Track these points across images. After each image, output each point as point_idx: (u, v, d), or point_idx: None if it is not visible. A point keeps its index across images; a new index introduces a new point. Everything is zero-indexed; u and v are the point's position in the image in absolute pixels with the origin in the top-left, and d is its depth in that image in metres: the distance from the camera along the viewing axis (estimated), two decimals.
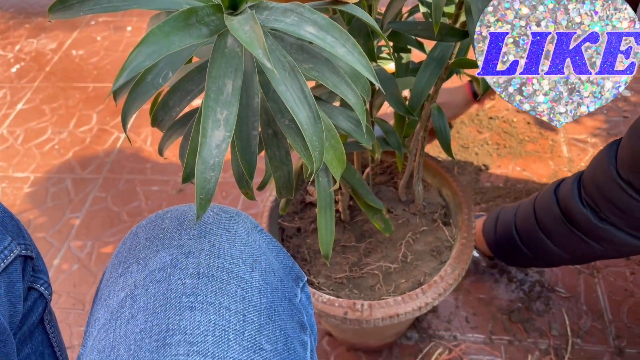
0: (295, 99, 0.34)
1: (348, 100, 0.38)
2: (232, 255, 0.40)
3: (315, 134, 0.35)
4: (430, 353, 0.84)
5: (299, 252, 0.72)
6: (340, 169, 0.45)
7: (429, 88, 0.51)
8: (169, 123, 0.43)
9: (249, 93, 0.36)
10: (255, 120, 0.37)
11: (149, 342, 0.35)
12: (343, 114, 0.49)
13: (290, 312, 0.42)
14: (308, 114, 0.34)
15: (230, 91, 0.32)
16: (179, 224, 0.42)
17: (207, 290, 0.37)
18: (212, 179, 0.30)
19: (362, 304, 0.62)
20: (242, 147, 0.37)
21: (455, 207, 0.73)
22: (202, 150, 0.30)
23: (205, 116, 0.31)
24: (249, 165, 0.37)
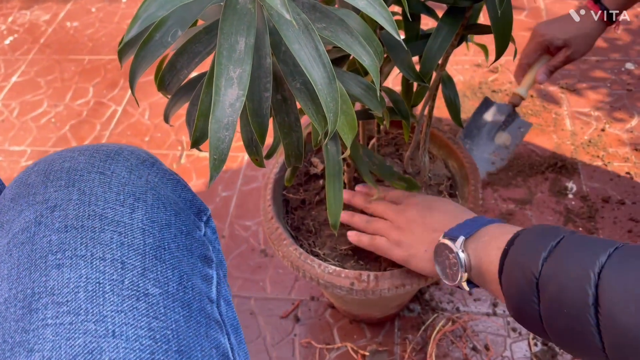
0: (310, 58, 0.33)
1: (362, 62, 0.37)
2: (107, 199, 0.37)
3: (330, 95, 0.33)
4: (434, 325, 0.84)
5: (304, 223, 0.71)
6: (351, 135, 0.44)
7: (441, 54, 0.50)
8: (176, 87, 0.42)
9: (260, 53, 0.35)
10: (267, 82, 0.35)
11: (14, 310, 0.32)
12: (353, 80, 0.47)
13: (189, 247, 0.39)
14: (323, 74, 0.33)
15: (242, 49, 0.31)
16: (45, 177, 0.38)
17: (76, 243, 0.34)
18: (226, 138, 0.29)
19: (369, 274, 0.62)
20: (253, 108, 0.35)
21: (462, 179, 0.72)
22: (215, 109, 0.28)
23: (218, 74, 0.29)
24: (261, 128, 0.36)
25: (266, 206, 0.70)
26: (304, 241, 0.69)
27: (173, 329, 0.33)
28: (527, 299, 0.42)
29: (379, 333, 0.85)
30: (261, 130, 0.36)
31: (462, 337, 0.83)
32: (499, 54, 0.48)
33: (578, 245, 0.41)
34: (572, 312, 0.38)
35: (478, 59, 1.30)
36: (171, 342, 0.33)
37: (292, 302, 0.90)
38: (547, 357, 0.79)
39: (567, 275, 0.39)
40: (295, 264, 0.64)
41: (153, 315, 0.33)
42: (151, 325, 0.33)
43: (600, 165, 1.05)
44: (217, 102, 0.29)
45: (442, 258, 0.54)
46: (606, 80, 1.21)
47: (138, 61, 0.35)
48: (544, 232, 0.44)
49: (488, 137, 0.98)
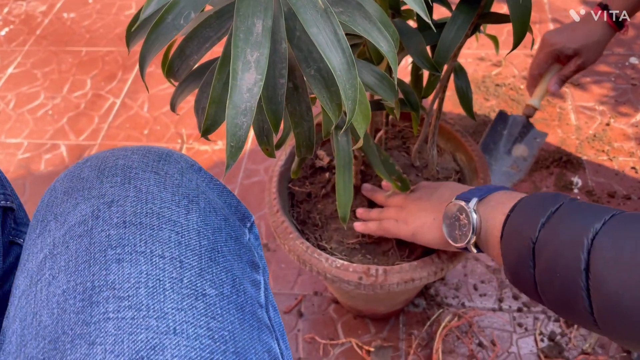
0: (329, 42, 0.31)
1: (380, 48, 0.36)
2: (163, 198, 0.37)
3: (350, 82, 0.32)
4: (439, 320, 0.83)
5: (310, 217, 0.70)
6: (365, 125, 0.43)
7: (456, 43, 0.48)
8: (185, 73, 0.41)
9: (275, 38, 0.34)
10: (283, 67, 0.34)
11: (74, 302, 0.32)
12: (366, 68, 0.46)
13: (238, 252, 0.39)
14: (342, 60, 0.32)
15: (260, 31, 0.29)
16: (99, 172, 0.38)
17: (135, 239, 0.34)
18: (244, 124, 0.27)
19: (377, 269, 0.60)
20: (268, 95, 0.34)
21: (470, 173, 0.71)
22: (232, 94, 0.27)
23: (235, 57, 0.28)
24: (275, 116, 0.34)
25: (271, 199, 0.68)
26: (310, 235, 0.68)
27: (229, 330, 0.33)
28: (524, 263, 0.43)
29: (383, 328, 0.84)
30: (276, 118, 0.35)
31: (467, 332, 0.82)
32: (517, 42, 0.47)
33: (575, 212, 0.41)
34: (565, 276, 0.39)
35: (482, 52, 1.28)
36: (228, 343, 0.33)
37: (295, 297, 0.88)
38: (554, 353, 0.78)
39: (562, 241, 0.40)
40: (301, 258, 0.62)
41: (211, 315, 0.33)
42: (210, 325, 0.33)
43: (605, 159, 1.04)
44: (235, 86, 0.27)
45: (452, 220, 0.53)
46: (610, 74, 1.20)
47: (149, 44, 0.34)
48: (544, 199, 0.45)
49: (505, 151, 0.99)
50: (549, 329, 0.82)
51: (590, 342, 0.79)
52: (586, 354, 0.78)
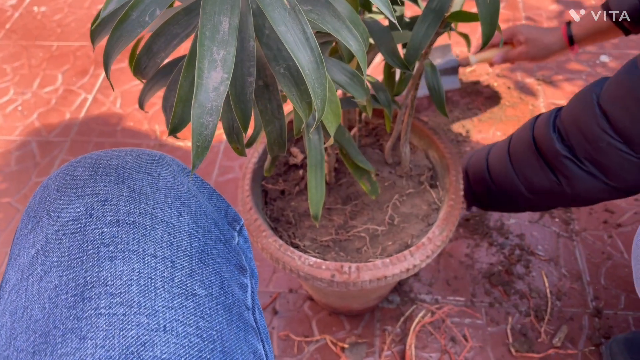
0: (297, 41, 0.31)
1: (350, 47, 0.36)
2: (156, 199, 0.38)
3: (318, 80, 0.32)
4: (413, 316, 0.84)
5: (283, 214, 0.69)
6: (335, 123, 0.43)
7: (426, 41, 0.49)
8: (153, 70, 0.40)
9: (243, 35, 0.33)
10: (251, 65, 0.34)
11: (65, 297, 0.33)
12: (337, 66, 0.46)
13: (227, 255, 0.40)
14: (310, 58, 0.32)
15: (226, 29, 0.29)
16: (94, 171, 0.39)
17: (128, 238, 0.35)
18: (209, 124, 0.27)
19: (350, 266, 0.61)
20: (236, 94, 0.34)
21: (442, 170, 0.72)
22: (198, 92, 0.27)
23: (201, 56, 0.28)
24: (244, 114, 0.34)
25: (244, 197, 0.68)
26: (284, 232, 0.68)
27: (217, 330, 0.34)
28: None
29: (358, 325, 0.84)
30: (244, 117, 0.34)
31: (440, 328, 0.83)
32: (486, 41, 0.47)
33: None
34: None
35: (456, 49, 1.29)
36: (216, 342, 0.34)
37: (270, 294, 0.88)
38: (524, 347, 0.80)
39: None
40: (274, 256, 0.62)
41: (200, 315, 0.34)
42: (199, 324, 0.33)
43: None
44: (200, 85, 0.27)
45: None
46: (582, 72, 1.22)
47: (113, 41, 0.33)
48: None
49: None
50: (520, 323, 0.83)
51: (560, 337, 0.80)
52: (556, 348, 0.80)
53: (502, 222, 0.96)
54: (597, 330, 0.81)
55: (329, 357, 0.81)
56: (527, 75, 1.23)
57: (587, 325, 0.82)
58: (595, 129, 0.59)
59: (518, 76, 1.23)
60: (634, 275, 0.58)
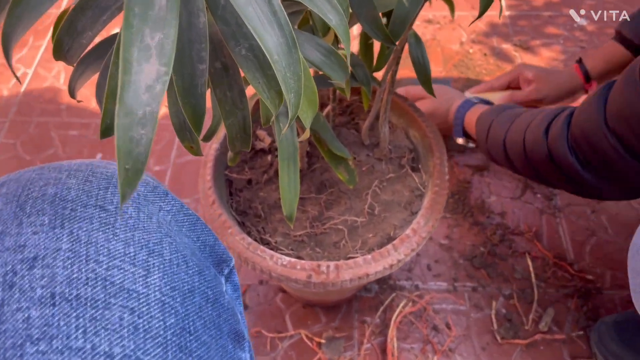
0: (261, 15, 0.23)
1: (329, 21, 0.28)
2: (112, 251, 0.26)
3: (291, 68, 0.24)
4: (393, 305, 0.79)
5: (251, 207, 0.62)
6: (311, 113, 0.36)
7: (415, 9, 0.41)
8: (78, 54, 0.32)
9: (190, 9, 0.25)
10: (202, 49, 0.26)
11: None
12: (311, 42, 0.38)
13: (217, 322, 0.29)
14: (280, 39, 0.24)
15: (164, 3, 0.21)
16: (19, 207, 0.27)
17: (69, 326, 0.23)
18: (142, 138, 0.19)
19: (328, 265, 0.54)
20: (183, 87, 0.26)
21: (425, 151, 0.65)
22: (124, 95, 0.19)
23: (128, 42, 0.19)
24: (195, 112, 0.26)
25: (206, 189, 0.60)
26: (252, 228, 0.60)
27: None
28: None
29: (335, 317, 0.78)
30: (196, 115, 0.27)
31: (422, 316, 0.78)
32: (485, 8, 0.40)
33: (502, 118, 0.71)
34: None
35: (429, 13, 1.22)
36: None
37: None
38: (510, 334, 0.76)
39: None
40: (243, 256, 0.55)
41: None
42: None
43: None
44: (127, 84, 0.19)
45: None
46: (559, 36, 1.17)
47: (12, 20, 0.25)
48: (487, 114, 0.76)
49: None
50: (505, 308, 0.79)
51: (546, 321, 0.77)
52: (542, 333, 0.76)
53: (482, 199, 0.91)
54: (584, 313, 0.78)
55: (305, 354, 0.75)
56: (504, 40, 1.16)
57: (572, 307, 0.79)
58: (609, 151, 0.53)
59: (494, 42, 1.16)
60: (631, 288, 0.54)
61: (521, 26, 1.19)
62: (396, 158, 0.66)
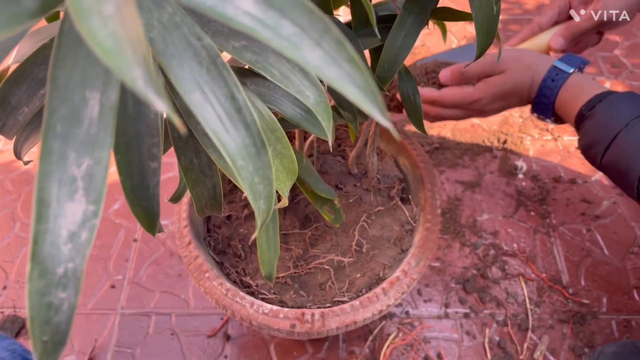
0: (222, 115, 0.19)
1: (305, 100, 0.24)
2: None
3: (259, 172, 0.20)
4: (382, 336, 0.76)
5: (230, 245, 0.58)
6: (289, 182, 0.31)
7: (406, 52, 0.37)
8: (15, 129, 0.27)
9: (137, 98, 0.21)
10: (154, 145, 0.21)
11: None
12: (288, 97, 0.34)
13: None
14: (245, 140, 0.20)
15: (96, 114, 0.17)
16: None
17: None
18: (63, 304, 0.15)
19: (313, 313, 0.51)
20: (132, 188, 0.22)
21: (415, 182, 0.61)
22: (38, 250, 0.15)
23: (45, 175, 0.15)
24: (147, 214, 0.22)
25: (181, 227, 0.56)
26: (231, 269, 0.56)
27: None
28: (601, 144, 0.55)
29: (321, 347, 0.75)
30: (148, 217, 0.22)
31: (413, 346, 0.75)
32: (480, 53, 0.36)
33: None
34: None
35: None
36: None
37: (221, 316, 0.78)
38: None
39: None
40: (221, 303, 0.51)
41: None
42: None
43: (550, 139, 0.98)
44: (43, 235, 0.15)
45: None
46: None
47: None
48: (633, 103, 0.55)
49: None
50: (498, 335, 0.76)
51: (541, 349, 0.74)
52: None
53: (474, 218, 0.87)
54: (580, 339, 0.75)
55: None
56: (494, 45, 1.12)
57: (568, 334, 0.76)
58: None
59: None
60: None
61: (513, 31, 1.15)
62: (385, 189, 0.62)
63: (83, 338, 0.76)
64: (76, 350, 0.75)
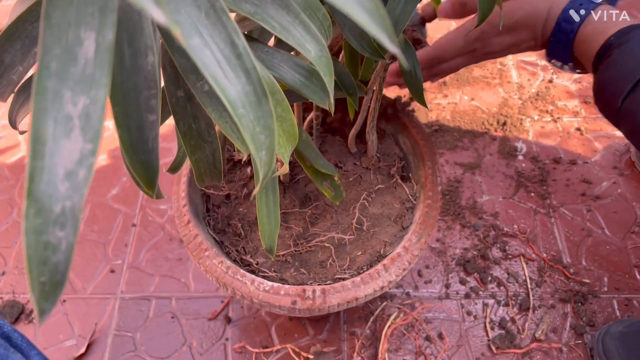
0: (222, 60, 0.19)
1: (306, 54, 0.23)
2: None
3: (260, 121, 0.20)
4: (383, 315, 0.75)
5: (230, 224, 0.58)
6: (290, 146, 0.31)
7: (405, 18, 0.37)
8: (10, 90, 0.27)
9: (136, 47, 0.21)
10: (152, 96, 0.21)
11: None
12: (287, 62, 0.34)
13: None
14: (246, 88, 0.19)
15: (91, 54, 0.16)
16: None
17: None
18: (61, 243, 0.15)
19: (314, 289, 0.50)
20: (130, 142, 0.21)
21: (416, 159, 0.61)
22: (34, 187, 0.14)
23: (40, 112, 0.15)
24: (146, 170, 0.22)
25: (180, 206, 0.56)
26: (231, 248, 0.56)
27: None
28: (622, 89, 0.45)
29: (322, 329, 0.75)
30: (148, 173, 0.22)
31: (414, 326, 0.75)
32: (482, 18, 0.36)
33: None
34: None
35: None
36: None
37: (222, 299, 0.77)
38: (505, 343, 0.73)
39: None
40: (221, 281, 0.51)
41: None
42: None
43: (549, 120, 0.97)
44: (39, 172, 0.14)
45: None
46: None
47: None
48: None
49: None
50: (499, 315, 0.76)
51: (542, 329, 0.74)
52: (539, 342, 0.73)
53: (474, 199, 0.87)
54: (581, 318, 0.75)
55: None
56: None
57: (570, 313, 0.76)
58: None
59: None
60: None
61: None
62: (385, 167, 0.61)
63: (83, 322, 0.76)
64: (76, 335, 0.75)
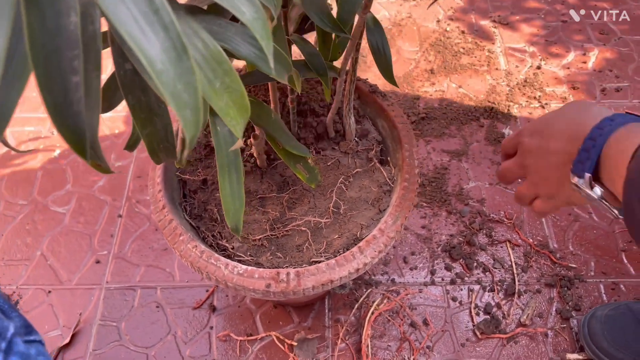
0: (139, 16, 0.19)
1: (240, 15, 0.23)
2: None
3: (182, 78, 0.20)
4: (368, 303, 0.75)
5: (206, 209, 0.57)
6: (241, 119, 0.31)
7: None
8: None
9: (58, 7, 0.20)
10: (75, 57, 0.21)
11: None
12: (241, 35, 0.33)
13: None
14: (165, 44, 0.19)
15: None
16: None
17: None
18: None
19: (288, 272, 0.50)
20: (54, 106, 0.21)
21: (394, 143, 0.60)
22: None
23: None
24: (73, 133, 0.22)
25: (156, 192, 0.55)
26: (207, 233, 0.56)
27: None
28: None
29: (307, 316, 0.75)
30: (75, 136, 0.22)
31: (399, 313, 0.75)
32: None
33: None
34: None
35: None
36: None
37: (207, 288, 0.77)
38: (490, 328, 0.72)
39: None
40: (196, 265, 0.51)
41: None
42: None
43: (537, 107, 0.97)
44: None
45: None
46: (540, 10, 1.12)
47: None
48: None
49: None
50: (484, 300, 0.75)
51: (527, 313, 0.73)
52: (524, 326, 0.73)
53: (460, 186, 0.87)
54: (567, 303, 0.75)
55: (277, 357, 0.71)
56: (482, 16, 1.11)
57: (555, 297, 0.76)
58: None
59: (472, 18, 1.11)
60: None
61: (500, 1, 1.14)
62: (363, 151, 0.61)
63: (67, 313, 0.76)
64: (61, 325, 0.75)
